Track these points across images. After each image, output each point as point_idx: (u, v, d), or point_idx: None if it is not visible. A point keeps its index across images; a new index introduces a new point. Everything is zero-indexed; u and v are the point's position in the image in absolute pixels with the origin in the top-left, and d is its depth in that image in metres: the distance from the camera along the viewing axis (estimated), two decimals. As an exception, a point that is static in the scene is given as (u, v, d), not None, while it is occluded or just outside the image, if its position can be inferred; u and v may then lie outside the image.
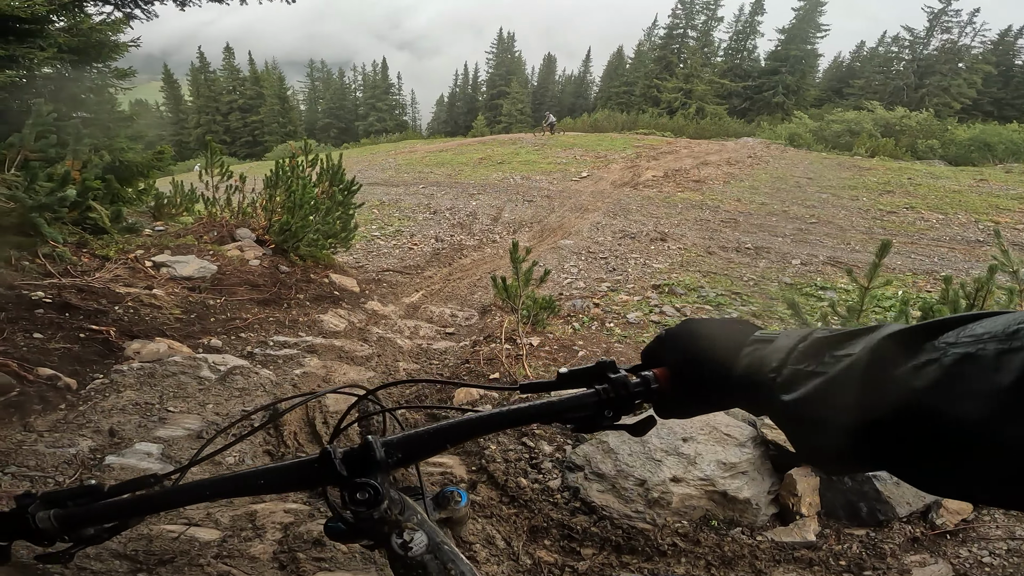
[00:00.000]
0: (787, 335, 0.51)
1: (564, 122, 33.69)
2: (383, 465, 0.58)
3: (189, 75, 50.05)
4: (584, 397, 0.60)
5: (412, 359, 4.51)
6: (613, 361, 0.63)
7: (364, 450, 0.58)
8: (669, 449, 1.93)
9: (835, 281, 7.00)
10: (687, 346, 0.60)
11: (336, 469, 0.57)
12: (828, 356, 0.44)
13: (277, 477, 0.61)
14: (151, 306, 3.50)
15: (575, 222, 10.33)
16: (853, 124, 22.42)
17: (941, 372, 0.34)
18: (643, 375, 0.61)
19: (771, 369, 0.48)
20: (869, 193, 12.10)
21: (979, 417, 0.31)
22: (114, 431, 2.29)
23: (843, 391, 0.40)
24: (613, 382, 0.60)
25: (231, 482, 0.61)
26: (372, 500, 0.56)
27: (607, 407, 0.60)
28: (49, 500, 0.60)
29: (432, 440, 0.61)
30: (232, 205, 6.50)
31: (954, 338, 0.35)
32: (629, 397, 0.59)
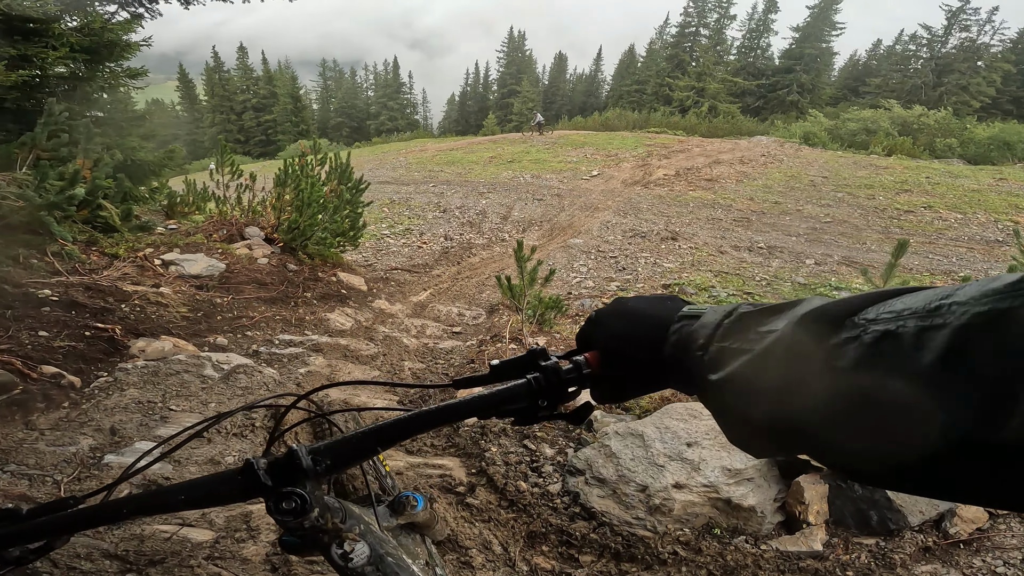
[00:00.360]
0: (713, 310, 0.49)
1: (575, 121, 33.51)
2: (311, 473, 0.56)
3: (204, 75, 50.59)
4: (516, 388, 0.59)
5: (418, 358, 4.49)
6: (544, 349, 0.61)
7: (289, 458, 0.56)
8: (672, 454, 1.88)
9: (850, 281, 6.87)
10: (615, 326, 0.58)
11: (260, 479, 0.56)
12: (753, 332, 0.42)
13: (199, 491, 0.59)
14: (158, 304, 3.52)
15: (585, 221, 10.26)
16: (870, 122, 22.07)
17: (862, 350, 0.32)
18: (575, 360, 0.59)
19: (698, 347, 0.46)
20: (886, 192, 11.89)
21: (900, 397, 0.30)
22: (115, 429, 2.29)
23: (768, 370, 0.39)
24: (544, 370, 0.58)
25: (149, 499, 0.60)
26: (299, 509, 0.55)
27: (541, 396, 0.58)
28: None
29: (362, 443, 0.59)
30: (242, 204, 6.54)
31: (874, 314, 0.34)
32: (562, 384, 0.58)
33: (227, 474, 0.58)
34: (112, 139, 5.81)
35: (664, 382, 0.54)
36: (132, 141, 5.98)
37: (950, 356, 0.28)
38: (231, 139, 49.02)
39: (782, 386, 0.37)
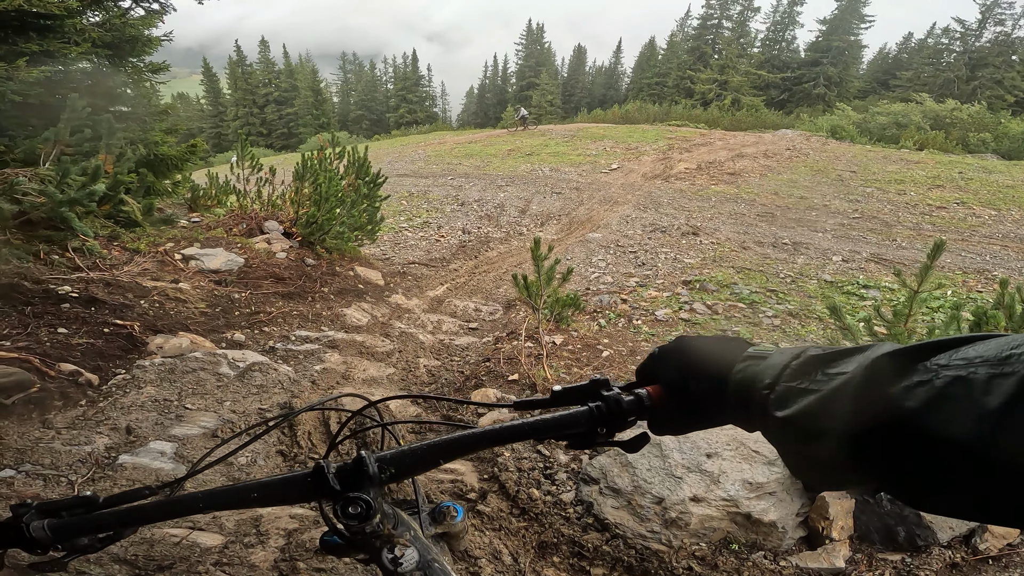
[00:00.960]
0: (781, 352, 0.51)
1: (595, 113, 33.12)
2: (375, 480, 0.59)
3: (227, 69, 51.19)
4: (578, 415, 0.61)
5: (433, 355, 4.47)
6: (607, 379, 0.63)
7: (357, 465, 0.59)
8: (691, 465, 1.81)
9: (879, 279, 6.66)
10: (680, 363, 0.60)
11: (329, 483, 0.58)
12: (821, 374, 0.44)
13: (271, 491, 0.61)
14: (176, 300, 3.55)
15: (604, 215, 10.14)
16: (900, 116, 21.41)
17: (933, 393, 0.35)
18: (636, 393, 0.62)
19: (764, 386, 0.48)
20: (917, 187, 11.50)
21: (968, 437, 0.32)
22: (131, 429, 2.30)
23: (836, 408, 0.41)
24: (606, 400, 0.61)
25: (224, 495, 0.61)
26: (364, 514, 0.57)
27: (600, 424, 0.60)
28: (44, 510, 0.61)
29: (425, 456, 0.61)
30: (262, 197, 6.58)
31: (946, 360, 0.36)
32: (622, 414, 0.60)
33: (298, 476, 0.60)
34: (135, 134, 5.86)
35: (724, 418, 0.57)
36: (155, 136, 6.03)
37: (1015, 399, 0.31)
38: (254, 132, 49.66)
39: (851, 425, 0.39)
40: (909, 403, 0.36)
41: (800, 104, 38.57)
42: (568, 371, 3.42)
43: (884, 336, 2.70)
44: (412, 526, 0.73)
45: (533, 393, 2.82)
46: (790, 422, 0.45)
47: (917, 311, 2.72)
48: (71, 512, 0.62)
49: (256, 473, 2.22)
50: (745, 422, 0.54)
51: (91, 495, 0.63)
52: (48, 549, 0.61)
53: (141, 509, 0.62)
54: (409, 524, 0.72)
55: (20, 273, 2.92)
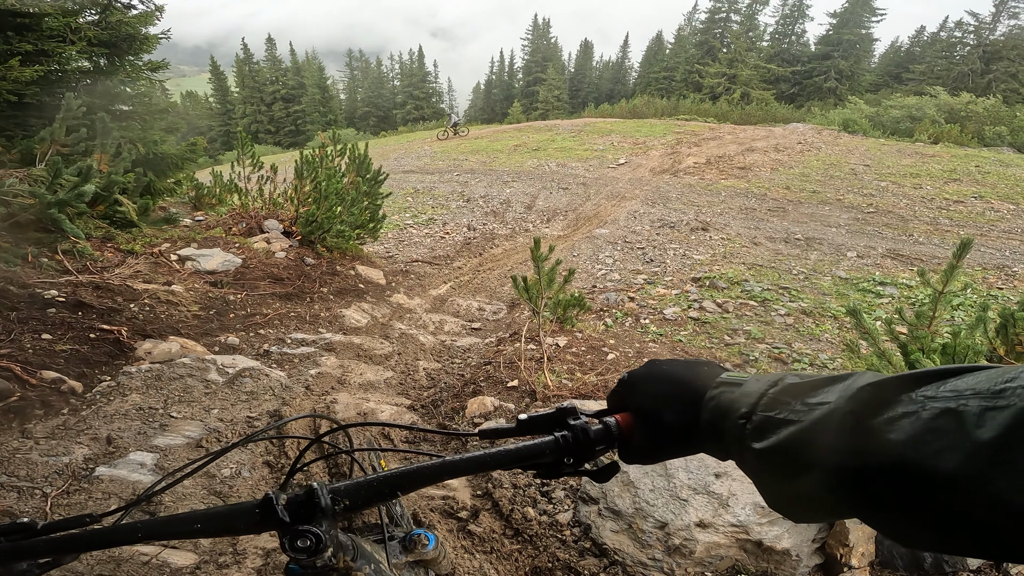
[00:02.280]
0: (756, 380, 0.49)
1: (602, 108, 32.89)
2: (328, 512, 0.57)
3: (234, 66, 51.36)
4: (543, 445, 0.59)
5: (434, 357, 4.36)
6: (575, 407, 0.62)
7: (308, 496, 0.57)
8: (698, 486, 1.68)
9: (896, 276, 6.46)
10: (651, 390, 0.58)
11: (278, 515, 0.56)
12: (801, 404, 0.43)
13: (216, 522, 0.58)
14: (168, 303, 3.46)
15: (611, 210, 9.98)
16: (914, 109, 20.98)
17: (919, 425, 0.34)
18: (605, 421, 0.60)
19: (740, 415, 0.47)
20: (933, 181, 11.21)
21: (958, 471, 0.31)
22: (111, 439, 2.21)
23: (818, 440, 0.40)
24: (573, 429, 0.59)
25: (165, 525, 0.59)
26: (313, 548, 0.55)
27: (567, 454, 0.59)
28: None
29: (382, 488, 0.59)
30: (264, 195, 6.50)
31: (933, 392, 0.35)
32: (589, 444, 0.58)
33: (245, 506, 0.58)
34: (134, 133, 5.80)
35: (697, 447, 0.55)
36: (154, 134, 5.96)
37: (1012, 432, 0.30)
38: (262, 130, 49.93)
39: (834, 458, 0.38)
40: (893, 435, 0.35)
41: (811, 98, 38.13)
42: (571, 376, 3.29)
43: (905, 339, 2.55)
44: (375, 557, 0.70)
45: (532, 402, 2.70)
46: (769, 454, 0.43)
47: (942, 313, 2.56)
48: (8, 538, 0.60)
49: (240, 486, 2.12)
50: (719, 451, 0.52)
51: (29, 521, 0.61)
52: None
53: (78, 538, 0.60)
54: (371, 556, 0.69)
55: (6, 277, 2.84)
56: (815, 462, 0.39)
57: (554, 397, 2.66)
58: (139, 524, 0.59)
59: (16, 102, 4.54)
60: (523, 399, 2.78)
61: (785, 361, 4.36)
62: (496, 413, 2.63)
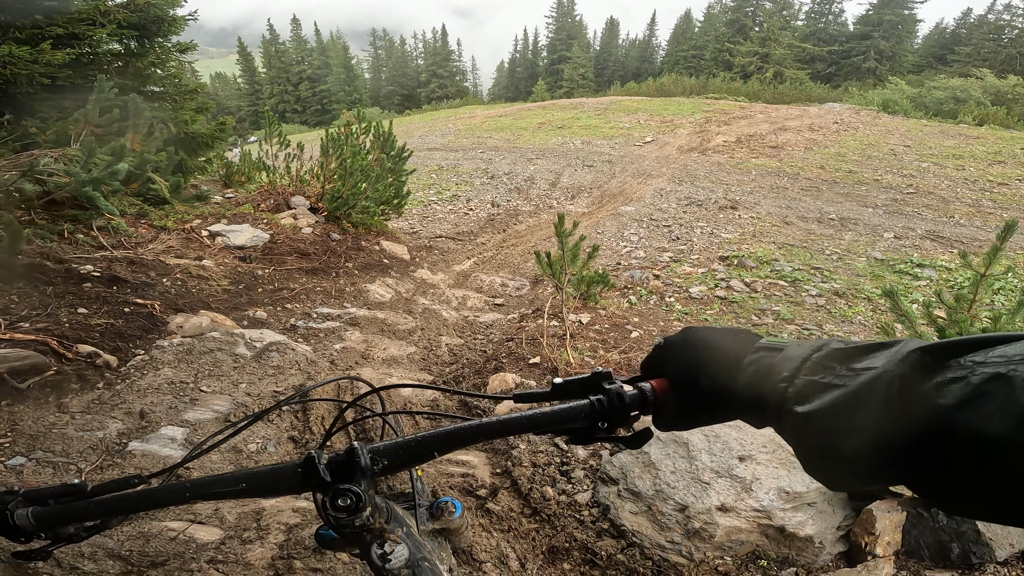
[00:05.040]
0: (798, 345, 0.49)
1: (628, 86, 32.16)
2: (367, 472, 0.58)
3: (261, 47, 51.74)
4: (578, 408, 0.59)
5: (456, 333, 4.38)
6: (609, 372, 0.62)
7: (349, 456, 0.58)
8: (721, 469, 1.64)
9: (935, 258, 6.19)
10: (687, 356, 0.58)
11: (319, 474, 0.57)
12: (846, 369, 0.43)
13: (259, 481, 0.59)
14: (199, 278, 3.54)
15: (637, 188, 9.79)
16: (959, 91, 20.34)
17: (969, 390, 0.34)
18: (640, 387, 0.60)
19: (781, 379, 0.46)
20: (977, 163, 10.66)
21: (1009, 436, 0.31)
22: (144, 413, 2.28)
23: (864, 405, 0.39)
24: (608, 393, 0.59)
25: (211, 485, 0.60)
26: (354, 507, 0.55)
27: (601, 418, 0.59)
28: (31, 497, 0.60)
29: (420, 448, 0.60)
30: (291, 173, 6.56)
31: (982, 358, 0.35)
32: (624, 409, 0.59)
33: (287, 466, 0.59)
34: (166, 113, 5.90)
35: (733, 413, 0.54)
36: (185, 114, 6.05)
37: None
38: (288, 109, 50.52)
39: (879, 421, 0.38)
40: (942, 400, 0.34)
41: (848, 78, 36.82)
42: (593, 353, 3.27)
43: (943, 323, 2.44)
44: (406, 521, 0.70)
45: (554, 378, 2.69)
46: (811, 418, 0.43)
47: (983, 296, 2.44)
48: (58, 500, 0.60)
49: (266, 461, 2.17)
50: (756, 417, 0.51)
51: (79, 483, 0.61)
52: (32, 537, 0.59)
53: (127, 498, 0.60)
54: (403, 519, 0.69)
55: (43, 253, 2.94)
56: (860, 426, 0.39)
57: (575, 374, 2.65)
58: (187, 484, 0.59)
59: (50, 85, 4.65)
60: (545, 376, 2.77)
61: (815, 343, 4.24)
62: (517, 391, 2.64)
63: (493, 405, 2.45)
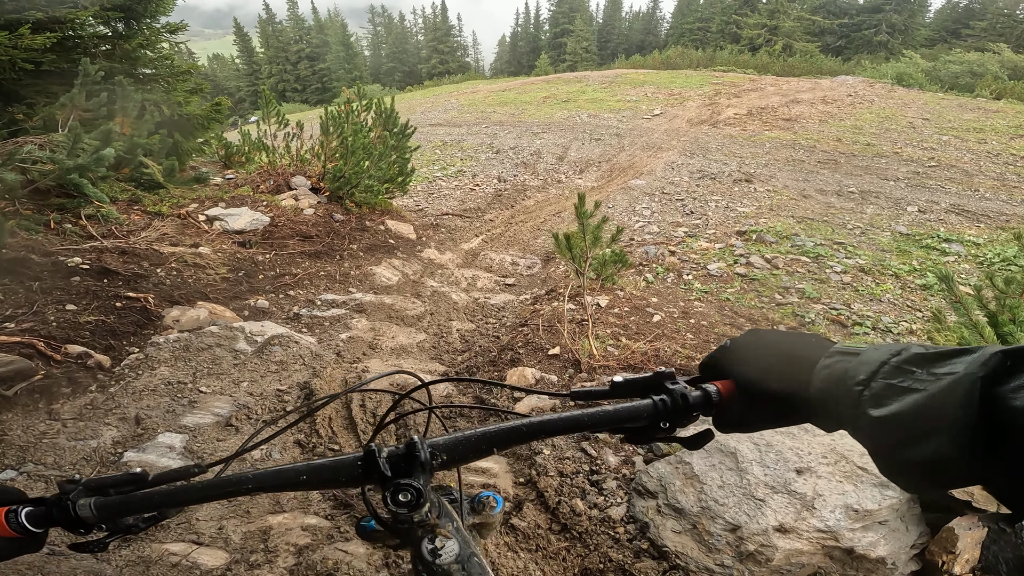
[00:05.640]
0: (875, 349, 0.48)
1: (634, 59, 31.51)
2: (427, 466, 0.57)
3: (258, 27, 50.88)
4: (641, 407, 0.59)
5: (467, 317, 4.20)
6: (672, 372, 0.61)
7: (409, 450, 0.57)
8: (776, 484, 1.46)
9: (961, 232, 5.92)
10: (756, 359, 0.58)
11: (380, 468, 0.56)
12: (926, 372, 0.43)
13: (320, 474, 0.58)
14: (196, 266, 3.35)
15: (647, 161, 9.48)
16: (975, 65, 20.19)
17: None
18: (704, 388, 0.58)
19: (857, 382, 0.46)
20: (999, 136, 10.27)
21: None
22: (140, 419, 2.13)
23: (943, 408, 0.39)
24: (671, 393, 0.58)
25: (274, 476, 0.58)
26: (414, 502, 0.55)
27: (664, 419, 0.58)
28: (92, 487, 0.58)
29: (479, 444, 0.59)
30: (291, 152, 6.32)
31: None
32: (688, 409, 0.57)
33: (348, 459, 0.58)
34: (159, 95, 5.66)
35: (803, 417, 0.54)
36: (178, 96, 5.80)
37: None
38: (289, 88, 49.99)
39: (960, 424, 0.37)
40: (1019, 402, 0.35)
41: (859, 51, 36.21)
42: (616, 342, 3.08)
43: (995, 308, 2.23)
44: (453, 516, 0.69)
45: (576, 372, 2.51)
46: (889, 420, 0.42)
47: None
48: (118, 490, 0.58)
49: (269, 465, 2.01)
50: (828, 421, 0.51)
51: (140, 472, 0.59)
52: (92, 528, 0.57)
53: (191, 488, 0.58)
54: (451, 514, 0.68)
55: (28, 246, 2.76)
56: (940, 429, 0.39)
57: (600, 368, 2.46)
58: (249, 475, 0.57)
59: (34, 70, 4.42)
60: (566, 369, 2.58)
61: (845, 324, 4.04)
62: (538, 386, 2.45)
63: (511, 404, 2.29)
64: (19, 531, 0.55)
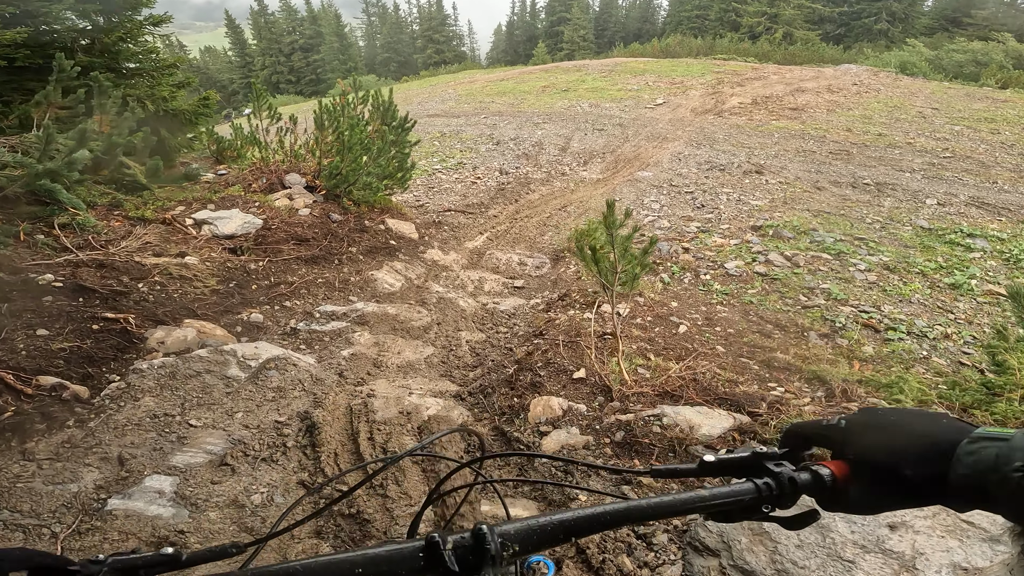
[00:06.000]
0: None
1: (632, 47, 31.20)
2: (497, 559, 0.49)
3: (250, 19, 50.14)
4: (741, 492, 0.54)
5: (476, 326, 3.96)
6: (773, 452, 0.57)
7: (476, 541, 0.50)
8: (867, 542, 1.24)
9: (984, 227, 5.69)
10: (879, 441, 0.53)
11: (445, 562, 0.48)
12: None
13: (377, 566, 0.49)
14: (182, 279, 3.10)
15: (653, 152, 9.22)
16: (979, 55, 20.18)
17: None
18: (815, 471, 0.54)
19: (1015, 468, 0.44)
20: (1011, 127, 10.06)
21: None
22: (123, 459, 1.89)
23: None
24: (778, 478, 0.53)
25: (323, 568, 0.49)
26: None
27: (767, 503, 0.53)
28: (119, 568, 0.48)
29: (556, 531, 0.51)
30: (284, 147, 6.02)
31: None
32: (795, 494, 0.53)
33: (407, 549, 0.50)
34: (142, 90, 5.37)
35: (935, 501, 0.50)
36: (163, 90, 5.50)
37: None
38: (283, 80, 49.39)
39: None
40: None
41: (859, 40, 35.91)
42: (645, 361, 2.84)
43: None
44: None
45: (607, 401, 2.27)
46: None
47: None
48: (148, 572, 0.49)
49: (273, 516, 1.77)
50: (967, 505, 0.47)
51: (173, 552, 0.50)
52: None
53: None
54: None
55: (-4, 262, 2.50)
56: None
57: (633, 395, 2.22)
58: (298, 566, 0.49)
59: (7, 67, 4.13)
60: (594, 396, 2.35)
61: (878, 328, 3.81)
62: (566, 419, 2.20)
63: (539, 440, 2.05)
64: None
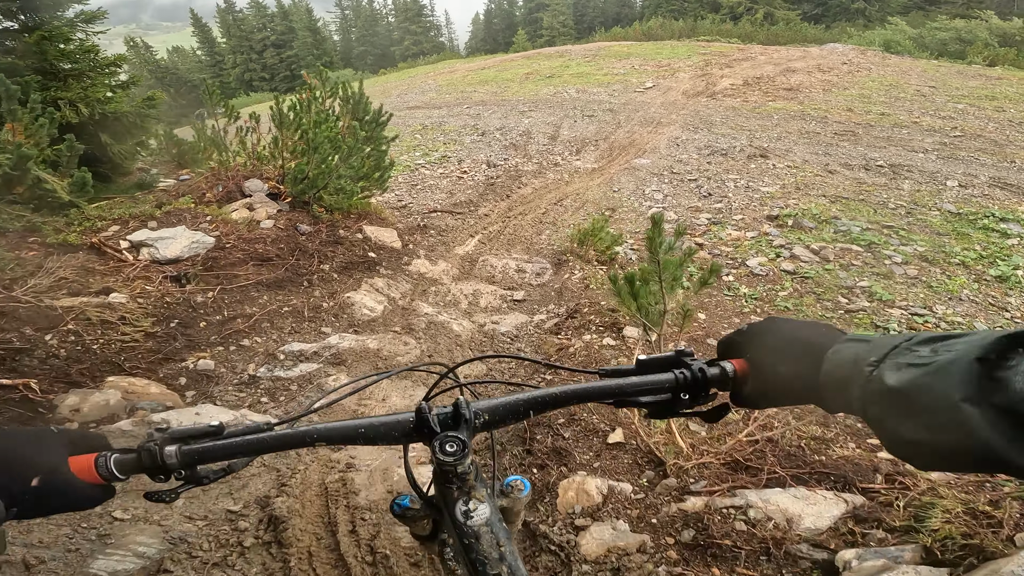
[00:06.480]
0: (888, 336, 0.49)
1: (614, 31, 30.71)
2: (470, 424, 0.61)
3: (217, 17, 48.61)
4: (663, 380, 0.63)
5: (475, 353, 3.38)
6: (692, 351, 0.65)
7: (455, 409, 0.61)
8: None
9: (1015, 209, 5.22)
10: (770, 342, 0.60)
11: (430, 424, 0.60)
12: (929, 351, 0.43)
13: (376, 430, 0.62)
14: (105, 324, 2.46)
15: (648, 138, 8.68)
16: (964, 32, 20.35)
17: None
18: (721, 365, 0.62)
19: (868, 364, 0.47)
20: (1014, 104, 9.73)
21: None
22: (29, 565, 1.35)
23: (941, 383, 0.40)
24: (690, 368, 0.62)
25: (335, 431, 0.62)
26: (459, 453, 0.58)
27: (684, 391, 0.62)
28: (175, 437, 0.59)
29: (516, 408, 0.64)
30: (246, 148, 5.34)
31: None
32: (706, 384, 0.62)
33: (401, 417, 0.62)
34: (74, 92, 4.67)
35: (810, 398, 0.55)
36: (99, 92, 4.80)
37: None
38: (256, 77, 48.11)
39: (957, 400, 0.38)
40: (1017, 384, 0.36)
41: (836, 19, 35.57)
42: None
43: None
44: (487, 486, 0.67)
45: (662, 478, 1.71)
46: (891, 396, 0.43)
47: None
48: (197, 440, 0.59)
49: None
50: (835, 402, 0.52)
51: (218, 425, 0.60)
52: (171, 476, 0.58)
53: (263, 439, 0.60)
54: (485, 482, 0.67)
55: None
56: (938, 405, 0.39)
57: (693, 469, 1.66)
58: (314, 429, 0.61)
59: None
60: (641, 470, 1.78)
61: (943, 335, 3.29)
62: (609, 508, 1.63)
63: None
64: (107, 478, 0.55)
